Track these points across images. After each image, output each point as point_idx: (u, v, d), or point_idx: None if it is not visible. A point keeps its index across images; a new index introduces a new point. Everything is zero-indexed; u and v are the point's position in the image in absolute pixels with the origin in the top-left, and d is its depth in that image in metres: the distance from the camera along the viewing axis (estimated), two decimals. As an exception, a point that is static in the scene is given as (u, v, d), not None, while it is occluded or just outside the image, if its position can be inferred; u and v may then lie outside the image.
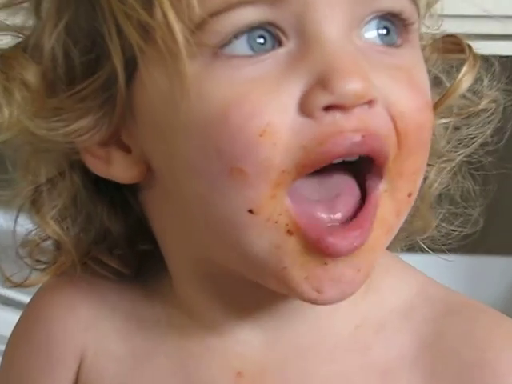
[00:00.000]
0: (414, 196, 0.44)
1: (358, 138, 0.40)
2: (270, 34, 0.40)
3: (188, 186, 0.42)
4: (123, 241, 0.49)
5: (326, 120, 0.40)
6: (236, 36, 0.40)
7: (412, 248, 0.52)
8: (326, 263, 0.41)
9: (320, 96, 0.39)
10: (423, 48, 0.46)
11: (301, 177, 0.40)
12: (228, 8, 0.39)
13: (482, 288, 0.94)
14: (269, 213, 0.40)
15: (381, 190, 0.42)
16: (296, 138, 0.40)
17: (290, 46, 0.40)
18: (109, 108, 0.43)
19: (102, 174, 0.46)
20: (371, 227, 0.41)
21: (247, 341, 0.47)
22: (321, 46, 0.40)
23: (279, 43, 0.40)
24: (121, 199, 0.48)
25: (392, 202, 0.42)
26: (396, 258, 0.50)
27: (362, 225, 0.41)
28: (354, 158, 0.41)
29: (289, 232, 0.40)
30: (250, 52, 0.40)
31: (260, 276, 0.43)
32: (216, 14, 0.39)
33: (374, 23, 0.42)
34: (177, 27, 0.39)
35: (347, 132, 0.40)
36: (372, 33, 0.42)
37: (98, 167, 0.45)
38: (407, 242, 0.51)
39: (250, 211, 0.40)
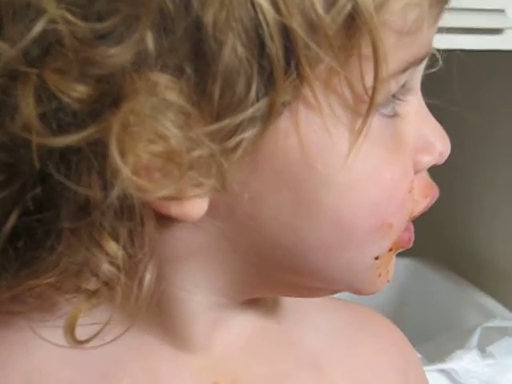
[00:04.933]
0: None
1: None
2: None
3: (299, 233, 0.38)
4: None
5: (425, 175, 0.42)
6: (393, 96, 0.38)
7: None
8: (394, 255, 0.42)
9: (428, 158, 0.41)
10: None
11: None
12: (415, 62, 0.37)
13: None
14: (384, 252, 0.40)
15: None
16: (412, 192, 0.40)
17: (404, 106, 0.39)
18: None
19: (170, 214, 0.36)
20: None
21: (223, 354, 0.43)
22: (420, 104, 0.41)
23: None
24: None
25: None
26: None
27: None
28: None
29: (390, 249, 0.41)
30: (389, 113, 0.39)
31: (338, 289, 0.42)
32: (413, 63, 0.37)
33: None
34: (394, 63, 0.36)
35: (434, 186, 0.42)
36: None
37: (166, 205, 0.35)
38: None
39: (376, 258, 0.40)
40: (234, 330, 0.43)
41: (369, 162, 0.37)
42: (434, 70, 0.42)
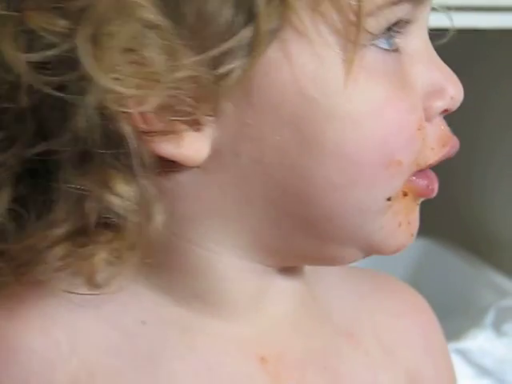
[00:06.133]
0: None
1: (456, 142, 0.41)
2: (399, 32, 0.38)
3: (309, 174, 0.37)
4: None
5: (441, 123, 0.40)
6: (388, 29, 0.37)
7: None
8: (416, 206, 0.41)
9: (439, 103, 0.39)
10: None
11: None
12: (399, 1, 0.37)
13: (387, 268, 0.98)
14: (397, 194, 0.39)
15: None
16: (426, 137, 0.39)
17: (407, 43, 0.39)
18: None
19: (166, 155, 0.36)
20: None
21: (268, 327, 0.43)
22: (427, 47, 0.40)
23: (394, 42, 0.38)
24: None
25: None
26: None
27: None
28: None
29: (404, 194, 0.40)
30: (387, 47, 0.38)
31: (354, 250, 0.40)
32: (393, 3, 0.36)
33: None
34: None
35: (453, 136, 0.41)
36: None
37: (164, 145, 0.36)
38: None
39: (389, 199, 0.39)
40: (276, 303, 0.43)
41: (371, 96, 0.37)
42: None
